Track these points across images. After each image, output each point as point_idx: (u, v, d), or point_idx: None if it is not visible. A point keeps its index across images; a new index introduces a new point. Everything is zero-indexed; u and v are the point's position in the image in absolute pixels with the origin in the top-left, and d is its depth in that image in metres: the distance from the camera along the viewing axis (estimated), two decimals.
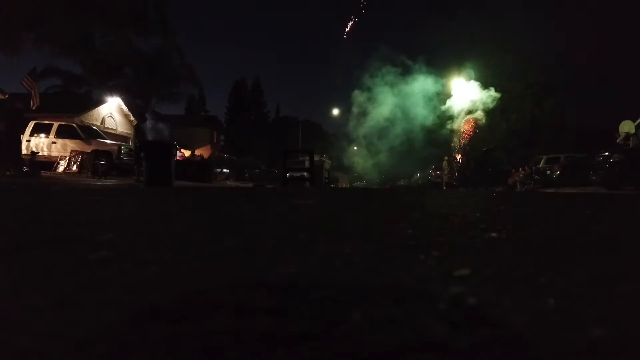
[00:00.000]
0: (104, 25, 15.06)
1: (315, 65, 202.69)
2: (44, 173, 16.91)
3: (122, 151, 17.37)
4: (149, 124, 27.55)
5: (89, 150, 17.26)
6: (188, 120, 49.26)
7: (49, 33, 14.16)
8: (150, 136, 21.91)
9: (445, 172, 31.38)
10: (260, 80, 58.42)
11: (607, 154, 20.16)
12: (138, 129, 19.04)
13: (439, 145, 37.93)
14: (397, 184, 48.41)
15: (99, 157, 17.23)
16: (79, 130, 17.86)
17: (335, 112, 57.03)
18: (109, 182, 12.91)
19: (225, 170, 29.43)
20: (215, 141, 50.99)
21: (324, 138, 78.30)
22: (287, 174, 28.41)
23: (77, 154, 17.33)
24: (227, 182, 27.13)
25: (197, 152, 46.77)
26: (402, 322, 0.98)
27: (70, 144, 17.59)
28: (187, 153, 45.32)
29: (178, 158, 27.40)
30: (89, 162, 17.00)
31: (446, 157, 32.32)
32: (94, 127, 19.95)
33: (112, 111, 26.75)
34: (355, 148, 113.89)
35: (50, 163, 17.34)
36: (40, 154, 17.66)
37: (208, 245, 1.89)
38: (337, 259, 1.61)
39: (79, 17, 13.92)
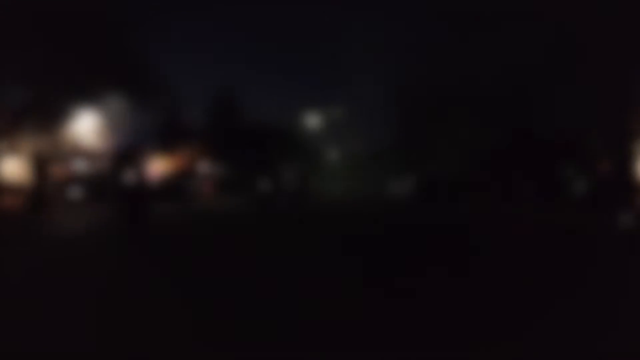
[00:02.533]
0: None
1: (293, 70, 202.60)
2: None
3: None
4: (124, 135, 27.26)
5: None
6: (165, 130, 48.86)
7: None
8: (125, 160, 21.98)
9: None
10: (238, 90, 58.45)
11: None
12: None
13: None
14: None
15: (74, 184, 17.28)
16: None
17: (313, 121, 57.36)
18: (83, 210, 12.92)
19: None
20: (192, 150, 50.68)
21: (301, 145, 78.49)
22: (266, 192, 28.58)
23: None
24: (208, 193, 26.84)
25: (177, 161, 46.53)
26: None
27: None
28: (165, 164, 45.02)
29: (153, 174, 27.28)
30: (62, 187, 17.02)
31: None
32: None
33: (87, 128, 26.45)
34: (333, 155, 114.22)
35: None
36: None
37: None
38: None
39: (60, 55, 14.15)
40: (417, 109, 45.45)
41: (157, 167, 39.64)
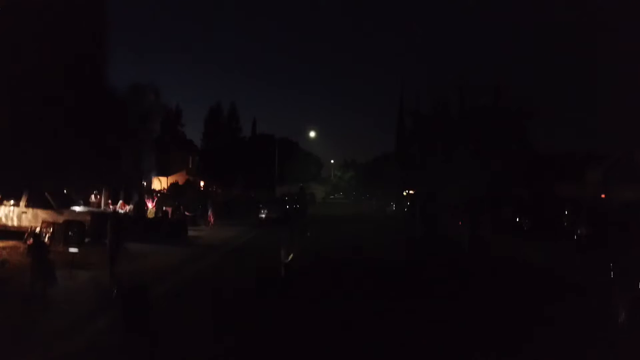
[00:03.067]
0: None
1: (293, 80, 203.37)
2: (14, 243, 16.66)
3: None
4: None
5: (60, 221, 17.04)
6: (163, 145, 48.78)
7: None
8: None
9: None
10: (237, 105, 58.61)
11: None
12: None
13: None
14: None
15: (71, 228, 17.09)
16: (50, 199, 17.59)
17: (312, 134, 57.33)
18: (78, 274, 12.70)
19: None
20: (190, 166, 50.64)
21: (300, 156, 78.51)
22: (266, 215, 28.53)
23: (48, 225, 17.07)
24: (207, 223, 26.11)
25: (172, 179, 46.29)
26: None
27: (42, 214, 17.29)
28: (162, 181, 44.83)
29: (149, 204, 26.97)
30: (60, 233, 16.87)
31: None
32: (65, 193, 19.65)
33: None
34: (332, 161, 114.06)
35: (20, 233, 17.02)
36: (10, 224, 17.43)
37: None
38: None
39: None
40: (418, 127, 45.35)
41: (155, 188, 39.46)
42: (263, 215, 30.18)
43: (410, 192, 52.95)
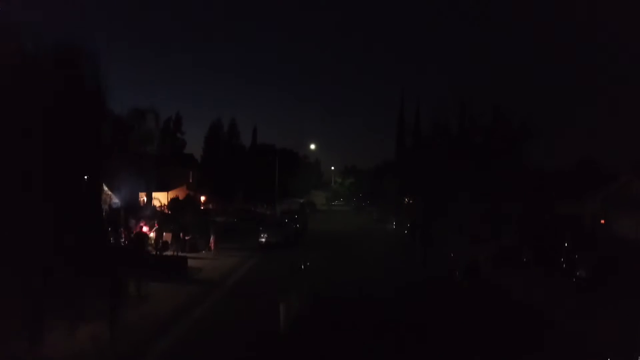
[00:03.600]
0: None
1: (292, 82, 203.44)
2: None
3: None
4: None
5: None
6: (163, 159, 48.74)
7: None
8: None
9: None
10: (236, 112, 58.77)
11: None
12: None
13: None
14: None
15: None
16: None
17: (312, 146, 57.46)
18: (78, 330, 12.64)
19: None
20: (191, 181, 50.62)
21: (301, 166, 78.43)
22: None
23: None
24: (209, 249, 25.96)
25: (172, 194, 46.26)
26: None
27: None
28: (162, 197, 44.77)
29: (143, 230, 26.83)
30: None
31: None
32: None
33: None
34: (333, 168, 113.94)
35: None
36: None
37: None
38: None
39: None
40: (417, 144, 45.44)
41: (156, 204, 39.35)
42: (263, 240, 30.31)
43: (413, 199, 52.91)
